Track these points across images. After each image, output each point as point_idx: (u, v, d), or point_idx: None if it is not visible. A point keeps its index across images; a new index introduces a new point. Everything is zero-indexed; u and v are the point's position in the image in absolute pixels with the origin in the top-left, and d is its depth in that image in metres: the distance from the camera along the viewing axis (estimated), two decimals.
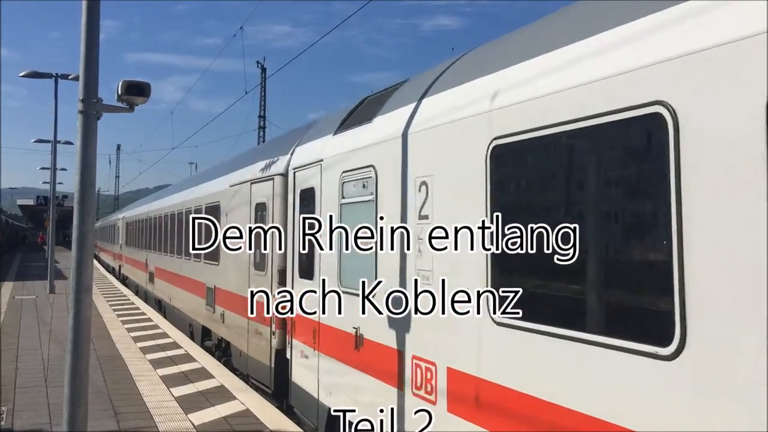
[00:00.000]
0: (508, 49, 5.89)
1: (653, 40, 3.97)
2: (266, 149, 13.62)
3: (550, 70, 4.84)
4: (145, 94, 7.50)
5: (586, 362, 4.22)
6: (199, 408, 10.32)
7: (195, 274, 17.24)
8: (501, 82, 5.43)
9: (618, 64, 4.14)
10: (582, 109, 4.33)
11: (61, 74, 30.24)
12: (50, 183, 34.33)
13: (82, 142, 7.18)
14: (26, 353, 14.65)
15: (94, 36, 7.22)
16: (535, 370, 4.72)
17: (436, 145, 6.18)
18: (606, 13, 4.69)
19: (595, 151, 4.37)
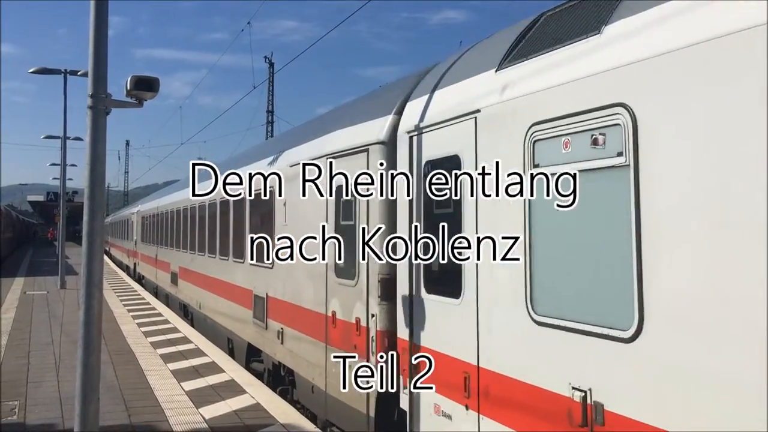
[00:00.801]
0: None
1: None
2: (337, 117, 10.22)
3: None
4: (154, 89, 7.50)
5: None
6: (209, 402, 10.37)
7: (237, 278, 14.12)
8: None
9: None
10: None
11: (70, 70, 30.36)
12: (60, 179, 34.50)
13: (92, 137, 7.20)
14: (38, 348, 14.75)
15: (103, 32, 7.23)
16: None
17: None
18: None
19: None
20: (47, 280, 33.11)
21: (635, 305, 4.26)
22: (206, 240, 17.30)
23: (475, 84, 6.37)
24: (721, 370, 3.72)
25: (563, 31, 5.43)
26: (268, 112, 54.97)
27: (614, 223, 4.48)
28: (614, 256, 4.48)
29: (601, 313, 4.58)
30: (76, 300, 23.74)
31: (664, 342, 4.08)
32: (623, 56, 4.52)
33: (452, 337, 6.40)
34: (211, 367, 12.89)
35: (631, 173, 4.33)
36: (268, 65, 53.26)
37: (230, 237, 14.66)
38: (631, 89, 4.39)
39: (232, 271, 14.63)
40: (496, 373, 5.65)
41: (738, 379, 3.62)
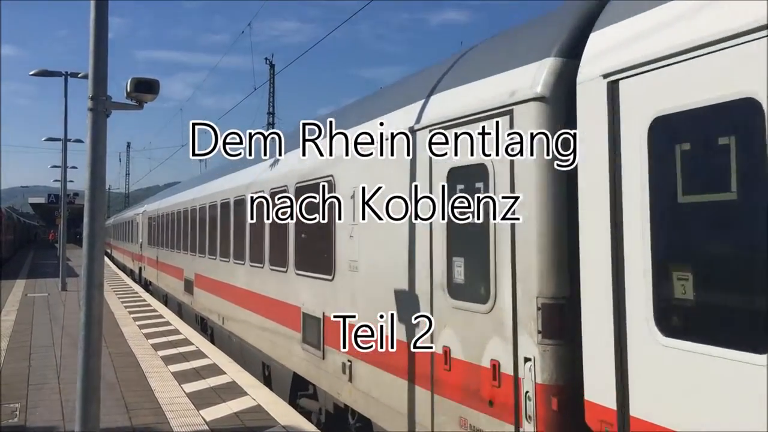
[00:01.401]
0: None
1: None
2: (428, 77, 7.56)
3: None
4: (154, 91, 7.50)
5: None
6: (210, 404, 10.35)
7: (277, 290, 11.47)
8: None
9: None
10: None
11: (70, 72, 30.39)
12: (61, 181, 34.54)
13: (92, 139, 7.20)
14: (39, 350, 14.74)
15: (103, 33, 7.24)
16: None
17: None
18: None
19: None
20: (48, 282, 33.11)
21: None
22: (232, 243, 14.60)
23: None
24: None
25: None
26: (268, 113, 55.04)
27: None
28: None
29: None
30: (77, 302, 23.74)
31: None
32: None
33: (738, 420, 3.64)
34: (212, 369, 12.87)
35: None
36: (269, 67, 53.33)
37: (266, 239, 12.09)
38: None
39: (269, 282, 11.97)
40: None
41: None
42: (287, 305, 10.78)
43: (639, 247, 4.31)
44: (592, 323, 4.74)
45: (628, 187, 4.43)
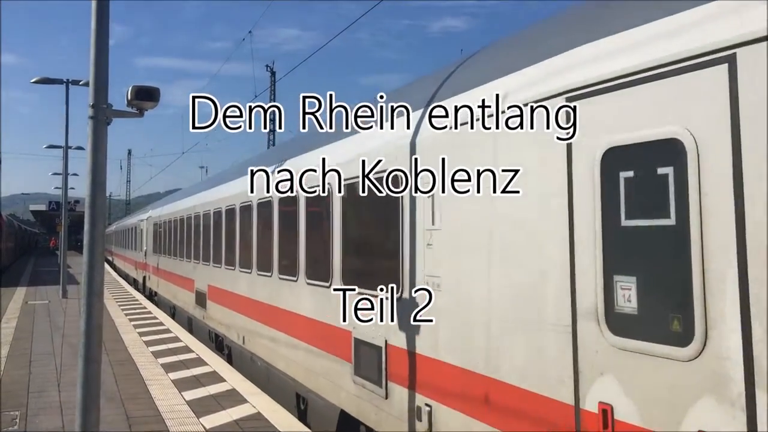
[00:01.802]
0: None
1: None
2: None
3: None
4: (155, 98, 7.53)
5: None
6: (210, 411, 10.34)
7: (315, 309, 9.56)
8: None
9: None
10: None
11: (72, 80, 30.47)
12: (62, 188, 34.57)
13: (93, 146, 7.22)
14: (39, 358, 14.73)
15: (104, 42, 7.27)
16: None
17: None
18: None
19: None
20: (49, 289, 33.11)
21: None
22: (255, 251, 12.69)
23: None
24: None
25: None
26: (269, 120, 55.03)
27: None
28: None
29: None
30: (77, 309, 23.73)
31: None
32: None
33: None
34: (213, 377, 12.86)
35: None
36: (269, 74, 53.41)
37: (300, 246, 10.21)
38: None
39: (304, 298, 10.04)
40: None
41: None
42: (331, 327, 8.79)
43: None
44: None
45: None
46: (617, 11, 4.82)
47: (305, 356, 9.94)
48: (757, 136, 3.58)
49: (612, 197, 4.40)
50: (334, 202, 8.87)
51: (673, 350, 3.98)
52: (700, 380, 3.82)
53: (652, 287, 4.14)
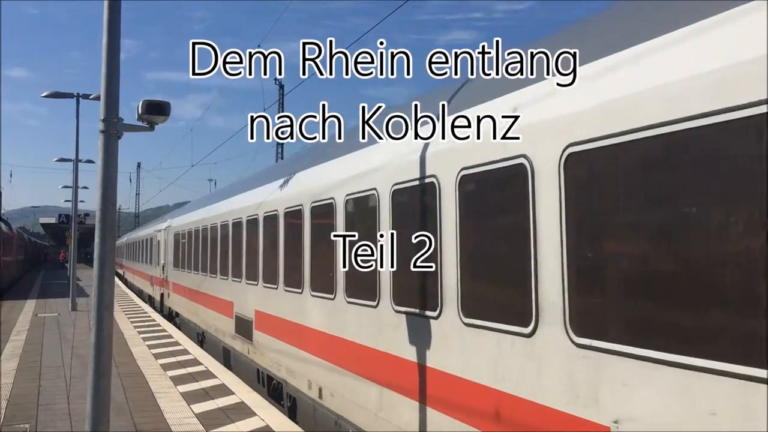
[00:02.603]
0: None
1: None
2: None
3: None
4: (165, 113, 7.59)
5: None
6: (219, 424, 10.33)
7: (462, 361, 6.28)
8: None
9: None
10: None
11: (82, 94, 30.69)
12: (72, 201, 34.78)
13: (104, 161, 7.27)
14: (49, 371, 14.76)
15: (115, 57, 7.34)
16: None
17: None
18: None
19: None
20: (58, 302, 33.22)
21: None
22: (339, 272, 9.08)
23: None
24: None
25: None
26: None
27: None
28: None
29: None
30: (87, 322, 23.81)
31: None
32: None
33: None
34: (221, 390, 12.86)
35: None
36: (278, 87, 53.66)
37: (451, 264, 6.56)
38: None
39: (459, 347, 6.35)
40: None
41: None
42: (499, 393, 5.68)
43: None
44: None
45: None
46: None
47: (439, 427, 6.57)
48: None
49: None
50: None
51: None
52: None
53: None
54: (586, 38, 5.42)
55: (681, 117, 4.00)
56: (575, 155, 4.88)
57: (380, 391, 7.87)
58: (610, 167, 4.62)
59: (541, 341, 5.17)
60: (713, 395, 3.73)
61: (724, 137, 3.77)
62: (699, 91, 3.91)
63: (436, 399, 6.65)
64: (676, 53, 4.17)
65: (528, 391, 5.30)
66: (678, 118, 4.02)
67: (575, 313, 4.83)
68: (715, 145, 3.85)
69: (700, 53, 3.98)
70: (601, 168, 4.70)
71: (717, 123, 3.78)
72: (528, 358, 5.32)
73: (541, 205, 5.22)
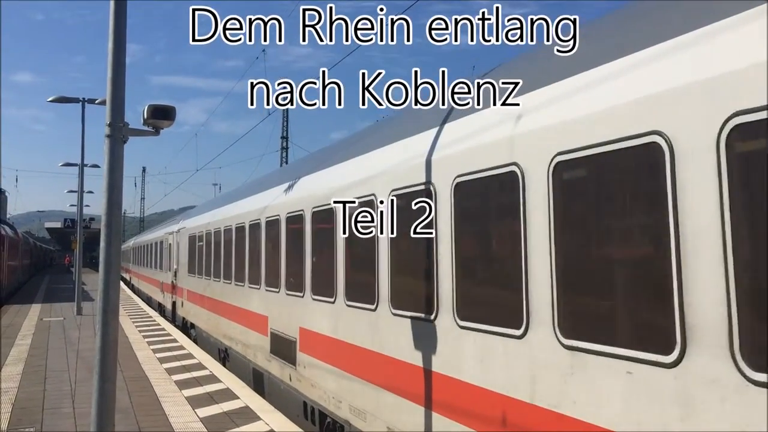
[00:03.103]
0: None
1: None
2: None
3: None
4: (171, 117, 7.61)
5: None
6: (223, 429, 10.33)
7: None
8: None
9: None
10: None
11: (88, 99, 30.80)
12: (77, 205, 34.87)
13: (109, 165, 7.30)
14: (54, 375, 14.79)
15: (121, 62, 7.37)
16: None
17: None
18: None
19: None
20: (64, 306, 33.28)
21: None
22: (453, 277, 6.57)
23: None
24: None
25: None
26: (282, 138, 55.41)
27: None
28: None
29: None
30: (92, 326, 23.84)
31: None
32: None
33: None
34: (226, 394, 12.86)
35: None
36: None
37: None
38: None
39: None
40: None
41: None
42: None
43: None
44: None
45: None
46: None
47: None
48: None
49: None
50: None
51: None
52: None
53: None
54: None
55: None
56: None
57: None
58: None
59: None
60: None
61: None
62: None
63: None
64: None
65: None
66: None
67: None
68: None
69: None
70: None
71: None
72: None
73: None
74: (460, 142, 6.53)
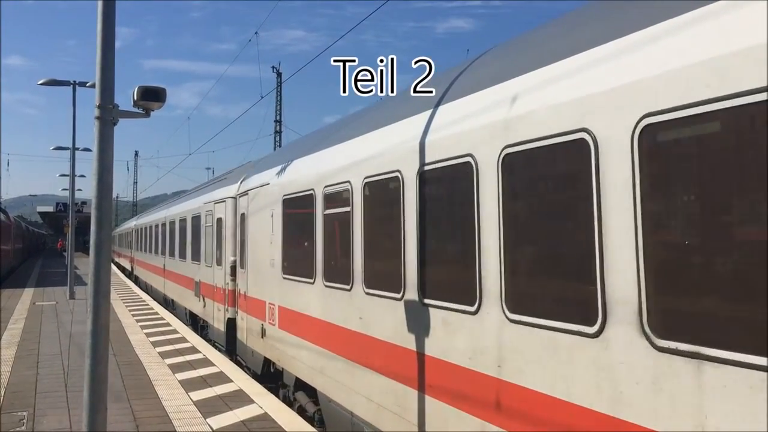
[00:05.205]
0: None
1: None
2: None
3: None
4: (161, 99, 7.53)
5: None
6: (217, 412, 10.34)
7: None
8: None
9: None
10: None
11: (78, 82, 30.55)
12: (69, 189, 34.69)
13: (99, 147, 7.22)
14: (46, 359, 14.77)
15: (110, 42, 7.27)
16: None
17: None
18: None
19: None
20: (56, 290, 33.23)
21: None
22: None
23: None
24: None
25: None
26: (275, 121, 55.17)
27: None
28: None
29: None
30: (85, 310, 23.78)
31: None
32: None
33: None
34: (220, 377, 12.87)
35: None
36: (275, 75, 53.47)
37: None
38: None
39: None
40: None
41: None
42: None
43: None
44: None
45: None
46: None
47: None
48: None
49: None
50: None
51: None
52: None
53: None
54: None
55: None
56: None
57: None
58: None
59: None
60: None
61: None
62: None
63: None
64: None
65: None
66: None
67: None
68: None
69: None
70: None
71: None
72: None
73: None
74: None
